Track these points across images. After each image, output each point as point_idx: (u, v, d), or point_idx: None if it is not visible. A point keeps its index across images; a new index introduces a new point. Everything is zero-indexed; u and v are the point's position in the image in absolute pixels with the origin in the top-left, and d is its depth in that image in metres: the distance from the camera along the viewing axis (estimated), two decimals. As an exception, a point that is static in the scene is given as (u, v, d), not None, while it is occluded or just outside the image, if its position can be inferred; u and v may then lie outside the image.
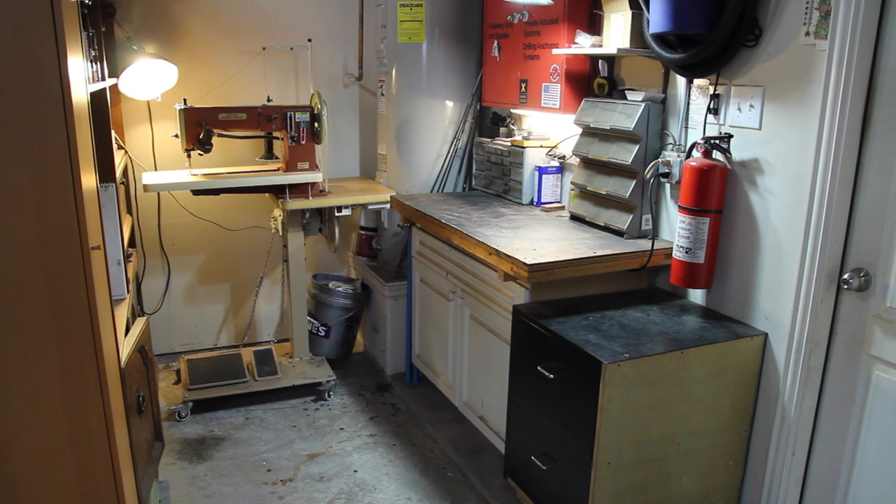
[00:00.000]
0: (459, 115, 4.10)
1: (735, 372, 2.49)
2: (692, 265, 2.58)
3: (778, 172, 2.40)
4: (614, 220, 2.99)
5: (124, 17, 3.91)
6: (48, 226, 1.82)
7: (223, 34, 4.15)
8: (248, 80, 4.23)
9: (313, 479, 3.18)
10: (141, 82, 3.75)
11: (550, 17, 3.23)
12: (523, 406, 2.74)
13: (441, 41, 3.97)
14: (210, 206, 4.26)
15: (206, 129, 3.55)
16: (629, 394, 2.30)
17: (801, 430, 2.43)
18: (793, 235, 2.36)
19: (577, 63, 3.20)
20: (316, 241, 4.57)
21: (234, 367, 3.91)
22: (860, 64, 2.12)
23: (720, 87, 2.59)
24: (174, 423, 3.64)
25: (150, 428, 2.77)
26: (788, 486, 2.49)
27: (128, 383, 2.31)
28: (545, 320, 2.57)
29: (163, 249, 4.31)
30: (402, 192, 4.07)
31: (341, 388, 4.07)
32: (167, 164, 4.11)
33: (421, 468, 3.29)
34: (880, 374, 2.23)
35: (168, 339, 4.44)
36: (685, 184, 2.54)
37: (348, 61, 4.49)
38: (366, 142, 4.66)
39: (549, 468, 2.59)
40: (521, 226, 3.16)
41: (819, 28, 2.19)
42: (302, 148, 3.75)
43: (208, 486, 3.12)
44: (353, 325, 4.29)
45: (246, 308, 4.58)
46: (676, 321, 2.61)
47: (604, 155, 2.98)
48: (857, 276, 2.24)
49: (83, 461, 2.00)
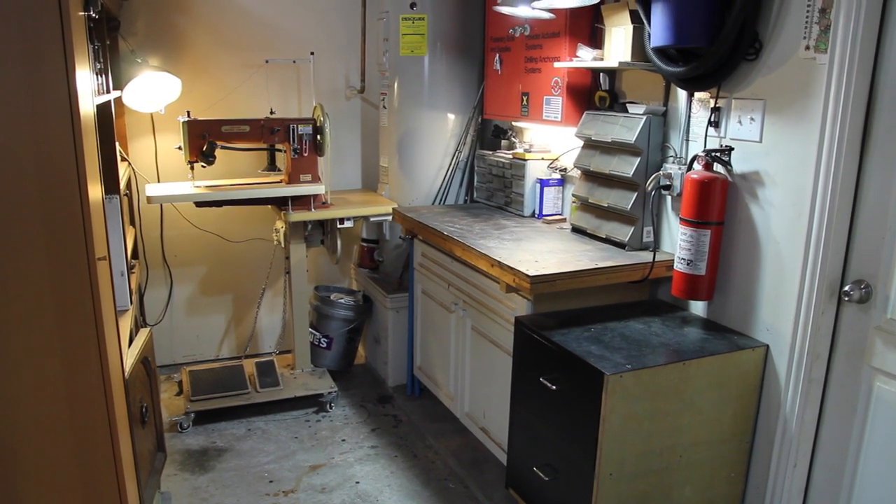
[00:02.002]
0: (461, 128, 4.12)
1: (736, 383, 2.49)
2: (693, 277, 2.59)
3: (779, 185, 2.42)
4: (616, 232, 3.00)
5: (128, 30, 3.94)
6: (55, 236, 1.84)
7: (226, 47, 4.18)
8: (250, 93, 4.26)
9: (315, 491, 3.18)
10: (144, 95, 3.78)
11: (552, 31, 3.25)
12: (525, 417, 2.75)
13: (443, 54, 4.00)
14: (212, 218, 4.28)
15: (209, 142, 3.57)
16: (631, 405, 2.31)
17: (803, 441, 2.44)
18: (794, 247, 2.38)
19: (578, 76, 3.23)
20: (318, 252, 4.59)
21: (236, 379, 3.92)
22: (860, 77, 2.14)
23: (721, 100, 2.61)
24: (176, 434, 3.64)
25: (152, 439, 2.78)
26: (790, 498, 2.49)
27: (131, 394, 2.32)
28: (547, 332, 2.58)
29: (165, 261, 4.32)
30: (403, 205, 4.09)
31: (343, 399, 4.07)
32: (170, 176, 4.13)
33: (422, 480, 3.29)
34: (881, 385, 2.24)
35: (170, 350, 4.45)
36: (686, 196, 2.56)
37: (350, 74, 4.52)
38: (368, 154, 4.68)
39: (550, 479, 2.59)
40: (523, 238, 3.17)
41: (819, 42, 2.22)
42: (304, 160, 3.77)
43: (210, 498, 3.12)
44: (354, 337, 4.30)
45: (248, 319, 4.58)
46: (678, 333, 2.62)
47: (605, 167, 2.99)
48: (858, 288, 2.25)
49: (87, 472, 2.00)
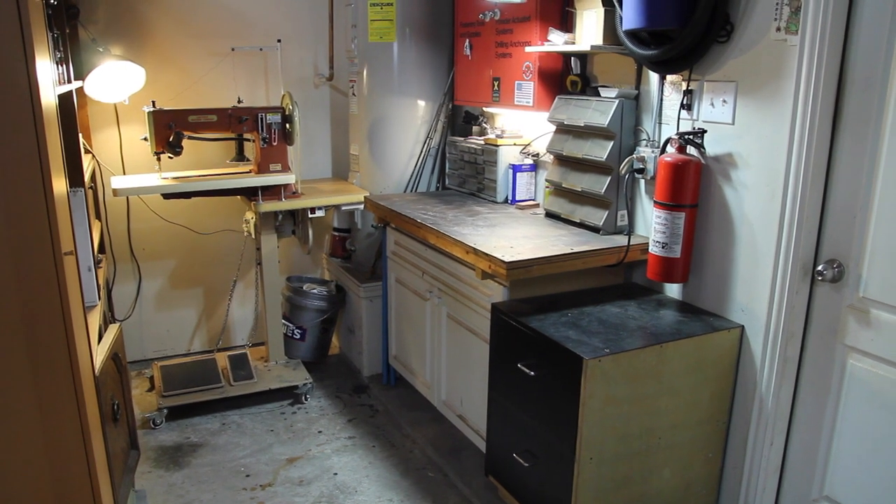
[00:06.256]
0: (432, 115, 4.09)
1: (713, 364, 2.51)
2: (668, 260, 2.60)
3: (752, 166, 2.43)
4: (590, 216, 3.00)
5: (88, 18, 3.83)
6: (19, 231, 1.78)
7: (191, 35, 4.09)
8: (217, 82, 4.18)
9: (293, 484, 3.15)
10: (107, 85, 3.68)
11: (522, 15, 3.23)
12: (504, 404, 2.74)
13: (412, 40, 3.95)
14: (181, 210, 4.21)
15: (175, 132, 3.50)
16: (610, 389, 2.31)
17: (779, 419, 2.47)
18: (767, 228, 2.39)
19: (549, 61, 3.21)
20: (289, 243, 4.54)
21: (209, 373, 3.86)
22: (830, 58, 2.15)
23: (693, 82, 2.61)
24: (149, 430, 3.58)
25: (125, 436, 2.72)
26: (767, 475, 2.52)
27: (102, 391, 2.26)
28: (524, 318, 2.57)
29: (133, 255, 4.23)
30: (375, 193, 4.05)
31: (318, 390, 4.04)
32: (136, 168, 4.04)
33: (401, 469, 3.28)
34: (855, 363, 2.27)
35: (140, 345, 4.37)
36: (660, 179, 2.56)
37: (318, 62, 4.45)
38: (337, 142, 4.62)
39: (531, 465, 2.59)
40: (497, 224, 3.16)
41: (790, 23, 2.22)
42: (274, 149, 3.71)
43: (186, 494, 3.07)
44: (328, 328, 4.26)
45: (219, 312, 4.52)
46: (654, 316, 2.63)
47: (578, 152, 2.99)
48: (831, 268, 2.27)
49: (59, 472, 1.95)
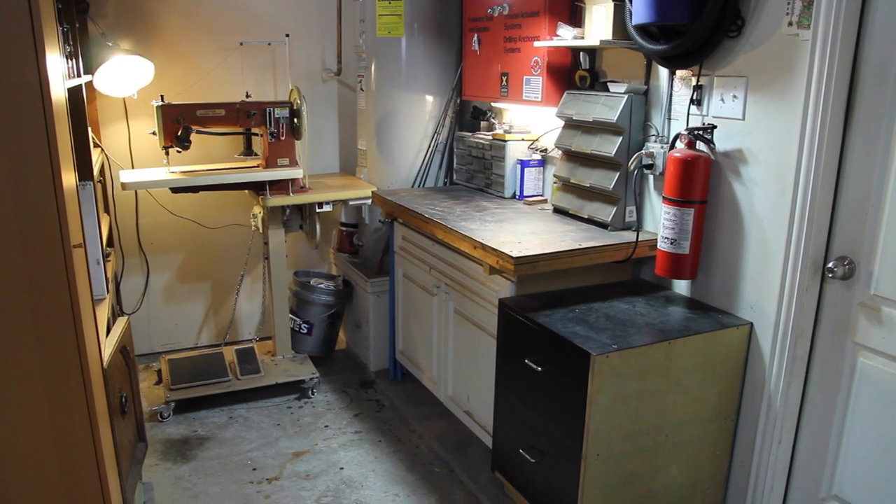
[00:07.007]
0: (440, 110, 4.08)
1: (721, 361, 2.50)
2: (677, 256, 2.59)
3: (762, 162, 2.41)
4: (598, 212, 2.99)
5: (98, 12, 3.84)
6: (29, 224, 1.78)
7: (199, 29, 4.09)
8: (225, 77, 4.18)
9: (299, 478, 3.16)
10: (116, 79, 3.69)
11: (531, 10, 3.22)
12: (510, 399, 2.74)
13: (420, 35, 3.94)
14: (189, 204, 4.21)
15: (184, 126, 3.50)
16: (618, 385, 2.31)
17: (787, 417, 2.45)
18: (777, 225, 2.38)
19: (558, 56, 3.20)
20: (297, 237, 4.54)
21: (217, 367, 3.87)
22: (843, 53, 2.14)
23: (703, 78, 2.59)
24: (157, 423, 3.59)
25: (133, 429, 2.73)
26: (775, 474, 2.51)
27: (111, 384, 2.27)
28: (532, 313, 2.57)
29: (141, 248, 4.24)
30: (382, 188, 4.05)
31: (325, 385, 4.04)
32: (144, 162, 4.05)
33: (407, 464, 3.28)
34: (865, 361, 2.25)
35: (148, 339, 4.38)
36: (669, 175, 2.55)
37: (326, 56, 4.45)
38: (345, 137, 4.62)
39: (537, 461, 2.59)
40: (505, 219, 3.15)
41: (802, 18, 2.20)
42: (282, 144, 3.71)
43: (193, 487, 3.08)
44: (335, 322, 4.26)
45: (227, 306, 4.53)
46: (662, 312, 2.62)
47: (587, 147, 2.98)
48: (842, 265, 2.26)
49: (68, 464, 1.96)
